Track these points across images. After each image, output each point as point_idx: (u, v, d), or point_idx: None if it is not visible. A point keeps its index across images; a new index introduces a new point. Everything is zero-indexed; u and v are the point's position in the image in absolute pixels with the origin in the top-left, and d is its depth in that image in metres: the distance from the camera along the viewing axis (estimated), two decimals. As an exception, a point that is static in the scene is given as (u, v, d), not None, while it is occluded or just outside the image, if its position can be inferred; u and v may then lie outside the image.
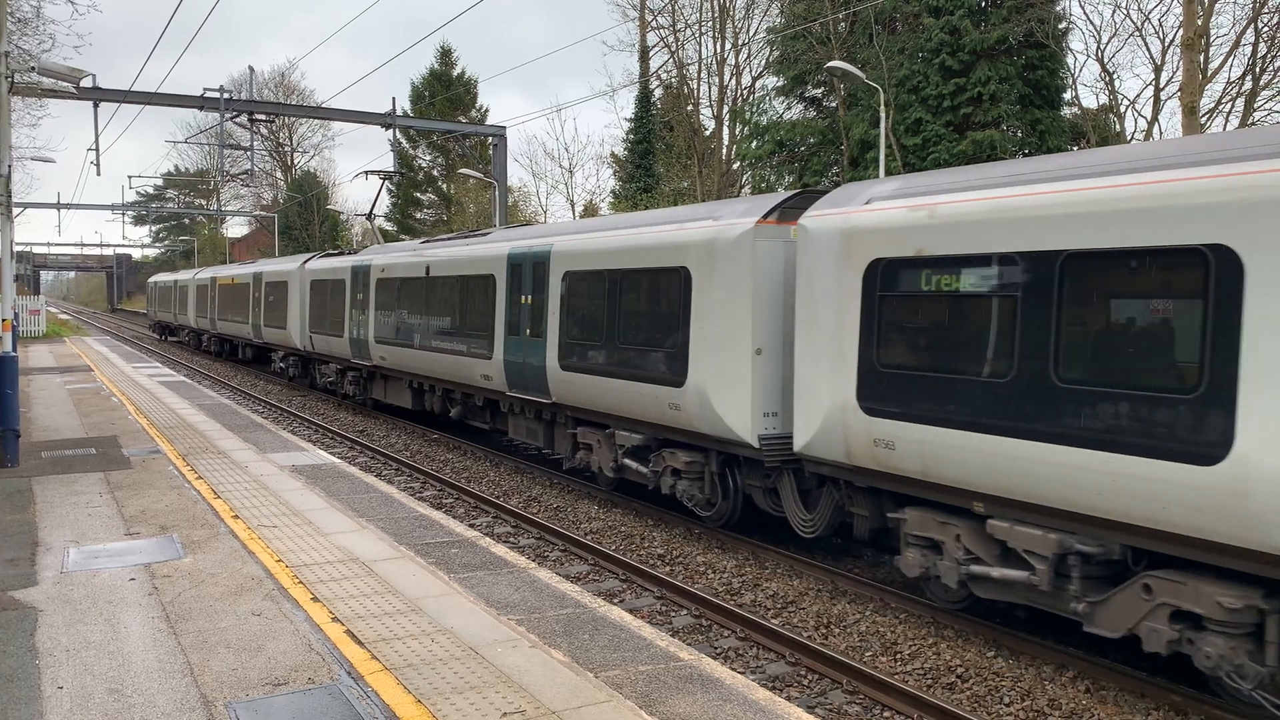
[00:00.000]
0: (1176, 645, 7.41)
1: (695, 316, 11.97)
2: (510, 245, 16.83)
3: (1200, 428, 6.97)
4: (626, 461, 13.74)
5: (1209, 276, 6.98)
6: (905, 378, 9.31)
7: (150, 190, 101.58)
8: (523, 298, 16.02)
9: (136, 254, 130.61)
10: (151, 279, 65.54)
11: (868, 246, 9.70)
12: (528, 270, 15.95)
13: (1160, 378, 7.34)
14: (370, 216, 31.66)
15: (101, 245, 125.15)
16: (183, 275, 50.95)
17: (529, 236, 16.62)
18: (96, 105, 29.06)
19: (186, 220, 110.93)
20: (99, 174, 34.71)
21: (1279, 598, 6.93)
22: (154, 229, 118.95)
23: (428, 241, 22.25)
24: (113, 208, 77.84)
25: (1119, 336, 7.71)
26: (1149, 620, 7.55)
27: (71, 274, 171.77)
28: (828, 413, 10.07)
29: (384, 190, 34.60)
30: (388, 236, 65.83)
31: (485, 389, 17.53)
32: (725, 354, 11.54)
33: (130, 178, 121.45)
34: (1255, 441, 6.65)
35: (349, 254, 26.56)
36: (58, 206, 69.52)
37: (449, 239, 21.19)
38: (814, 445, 10.36)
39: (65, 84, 16.43)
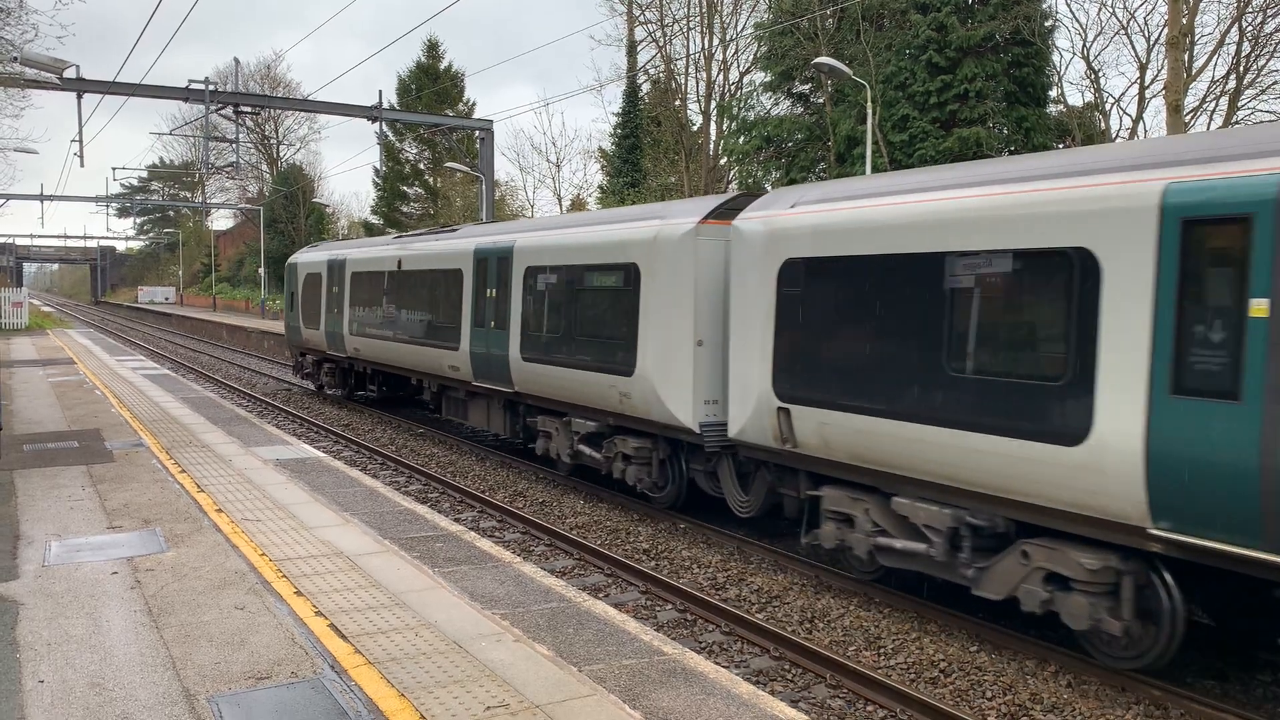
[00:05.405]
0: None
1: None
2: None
3: None
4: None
5: None
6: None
7: (135, 182, 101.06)
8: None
9: (121, 246, 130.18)
10: (310, 257, 27.88)
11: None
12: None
13: None
14: None
15: (85, 238, 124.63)
16: (508, 234, 16.76)
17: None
18: (80, 96, 28.78)
19: (171, 213, 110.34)
20: (82, 165, 34.37)
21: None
22: (138, 221, 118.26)
23: None
24: (97, 200, 77.03)
25: None
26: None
27: (55, 266, 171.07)
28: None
29: None
30: (371, 230, 65.57)
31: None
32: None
33: (114, 169, 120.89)
34: None
35: None
36: (41, 198, 68.70)
37: None
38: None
39: (48, 74, 16.29)
